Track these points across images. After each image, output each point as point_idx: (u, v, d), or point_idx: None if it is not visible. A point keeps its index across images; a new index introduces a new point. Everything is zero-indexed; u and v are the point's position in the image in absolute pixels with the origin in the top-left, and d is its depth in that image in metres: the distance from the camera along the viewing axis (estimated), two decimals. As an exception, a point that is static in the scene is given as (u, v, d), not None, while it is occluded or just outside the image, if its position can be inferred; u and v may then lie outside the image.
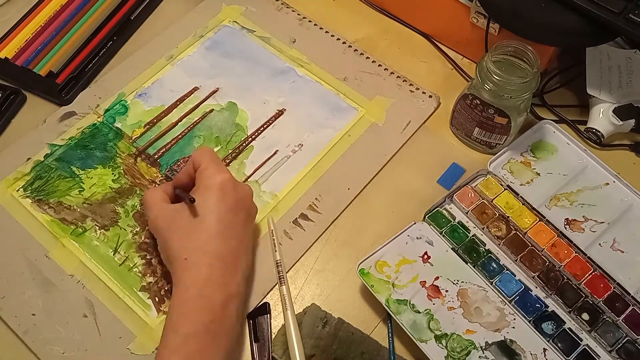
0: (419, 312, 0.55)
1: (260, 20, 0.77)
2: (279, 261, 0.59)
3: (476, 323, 0.55)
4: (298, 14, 0.78)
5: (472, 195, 0.62)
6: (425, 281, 0.57)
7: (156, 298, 0.57)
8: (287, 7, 0.79)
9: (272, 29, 0.76)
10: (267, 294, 0.58)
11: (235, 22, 0.77)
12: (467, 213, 0.61)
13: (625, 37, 0.70)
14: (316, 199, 0.63)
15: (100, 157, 0.66)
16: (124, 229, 0.61)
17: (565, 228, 0.60)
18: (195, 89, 0.71)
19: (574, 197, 0.62)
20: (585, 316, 0.55)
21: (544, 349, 0.54)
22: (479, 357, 0.53)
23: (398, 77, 0.72)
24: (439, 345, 0.53)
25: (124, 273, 0.59)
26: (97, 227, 0.61)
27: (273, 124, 0.69)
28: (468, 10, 0.68)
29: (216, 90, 0.71)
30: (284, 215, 0.62)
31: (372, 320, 0.57)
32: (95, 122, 0.68)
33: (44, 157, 0.65)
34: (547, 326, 0.55)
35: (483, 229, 0.60)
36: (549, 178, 0.63)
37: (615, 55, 0.70)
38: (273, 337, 0.55)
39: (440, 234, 0.60)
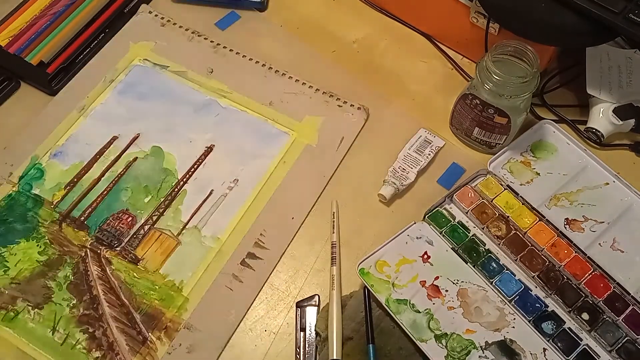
0: (419, 312, 0.55)
1: (173, 54, 0.73)
2: (334, 242, 0.60)
3: (476, 323, 0.55)
4: (211, 41, 0.74)
5: (472, 195, 0.62)
6: (425, 281, 0.57)
7: None
8: (199, 36, 0.74)
9: (187, 61, 0.72)
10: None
11: (147, 59, 0.73)
12: (467, 213, 0.61)
13: (625, 37, 0.70)
14: (261, 234, 0.61)
15: (22, 230, 0.61)
16: (60, 304, 0.57)
17: (565, 228, 0.60)
18: (114, 138, 0.67)
19: (574, 196, 0.62)
20: (585, 316, 0.55)
21: (544, 349, 0.54)
22: (479, 356, 0.53)
23: (324, 93, 0.70)
24: (439, 344, 0.53)
25: (68, 352, 0.55)
26: (30, 307, 0.57)
27: (203, 162, 0.66)
28: (468, 10, 0.68)
29: (137, 137, 0.67)
30: (230, 258, 0.60)
31: (372, 320, 0.57)
32: (10, 192, 0.63)
33: None
34: (547, 326, 0.55)
35: (483, 228, 0.60)
36: (549, 178, 0.63)
37: (615, 55, 0.70)
38: (319, 313, 0.56)
39: (440, 233, 0.60)
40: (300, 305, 0.57)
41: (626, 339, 0.54)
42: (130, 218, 0.62)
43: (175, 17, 0.76)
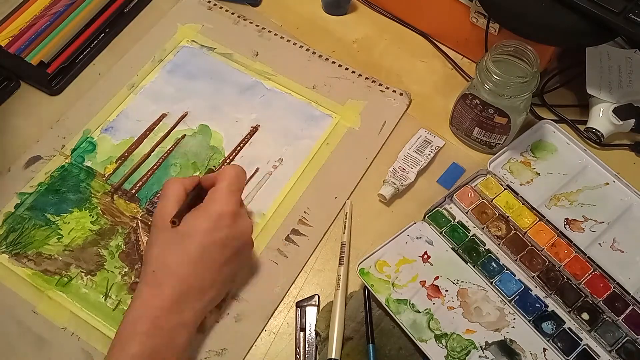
0: (419, 312, 0.55)
1: (219, 36, 0.75)
2: (344, 243, 0.60)
3: (476, 323, 0.55)
4: (256, 25, 0.76)
5: (472, 195, 0.62)
6: (425, 281, 0.57)
7: None
8: (244, 20, 0.76)
9: (233, 44, 0.74)
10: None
11: (194, 41, 0.75)
12: (467, 213, 0.61)
13: (625, 37, 0.70)
14: (305, 212, 0.62)
15: (75, 200, 0.63)
16: (112, 272, 0.59)
17: (565, 228, 0.60)
18: (164, 115, 0.69)
19: (574, 196, 0.62)
20: (585, 316, 0.55)
21: (544, 349, 0.54)
22: (479, 356, 0.53)
23: (366, 78, 0.72)
24: (439, 344, 0.53)
25: (119, 317, 0.56)
26: (83, 274, 0.58)
27: (249, 141, 0.67)
28: (468, 10, 0.68)
29: (185, 115, 0.69)
30: (275, 234, 0.61)
31: (372, 320, 0.57)
32: (64, 163, 0.65)
33: (14, 207, 0.62)
34: (547, 326, 0.55)
35: (483, 228, 0.60)
36: (549, 178, 0.63)
37: (615, 55, 0.70)
38: (319, 313, 0.56)
39: (440, 233, 0.60)
40: (300, 305, 0.57)
41: (626, 339, 0.54)
42: None
43: (220, 2, 0.79)
